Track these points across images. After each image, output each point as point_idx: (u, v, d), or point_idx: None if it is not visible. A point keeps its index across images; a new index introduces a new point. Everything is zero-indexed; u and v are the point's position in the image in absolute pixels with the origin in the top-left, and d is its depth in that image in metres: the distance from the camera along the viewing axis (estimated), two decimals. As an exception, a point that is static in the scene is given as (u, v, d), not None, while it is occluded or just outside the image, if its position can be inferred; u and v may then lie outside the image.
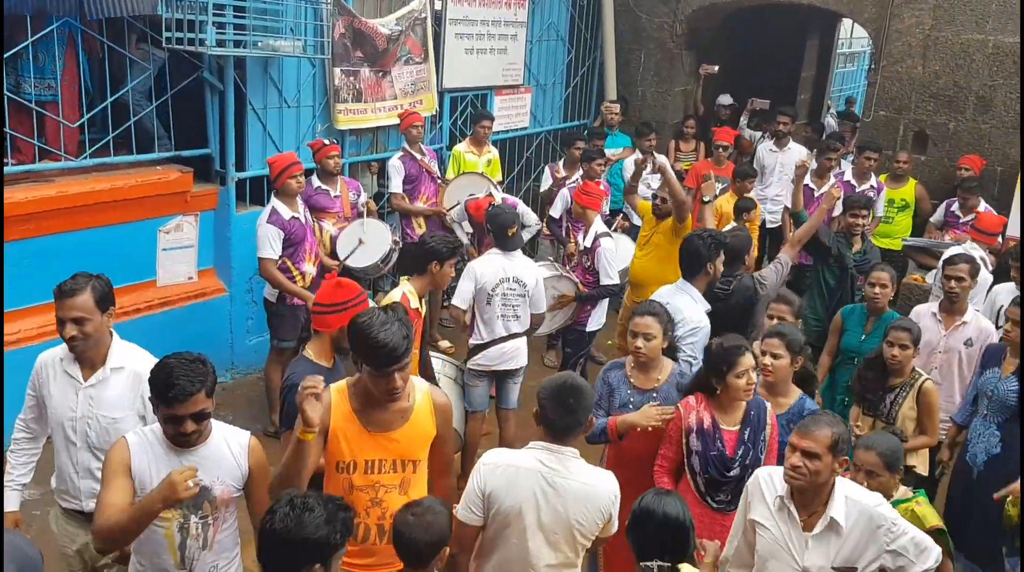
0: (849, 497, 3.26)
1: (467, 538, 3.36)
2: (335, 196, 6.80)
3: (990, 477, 4.84)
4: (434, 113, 8.55)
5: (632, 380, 4.34)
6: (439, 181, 7.78)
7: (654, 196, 6.75)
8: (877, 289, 5.59)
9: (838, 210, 7.33)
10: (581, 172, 8.25)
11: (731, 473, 3.98)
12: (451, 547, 3.22)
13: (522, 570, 3.34)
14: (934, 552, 3.26)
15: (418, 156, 7.57)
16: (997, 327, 5.64)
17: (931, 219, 8.34)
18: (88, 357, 3.62)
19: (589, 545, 3.37)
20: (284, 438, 3.94)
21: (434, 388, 3.50)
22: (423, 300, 5.20)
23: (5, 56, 5.48)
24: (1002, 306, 5.88)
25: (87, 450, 3.65)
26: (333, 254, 6.66)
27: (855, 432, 4.82)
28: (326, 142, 6.80)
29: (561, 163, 8.57)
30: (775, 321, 5.08)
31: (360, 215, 6.91)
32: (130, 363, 3.66)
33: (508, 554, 3.35)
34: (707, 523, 3.96)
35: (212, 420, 3.28)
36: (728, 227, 7.55)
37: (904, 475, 4.63)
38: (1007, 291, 6.09)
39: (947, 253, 6.32)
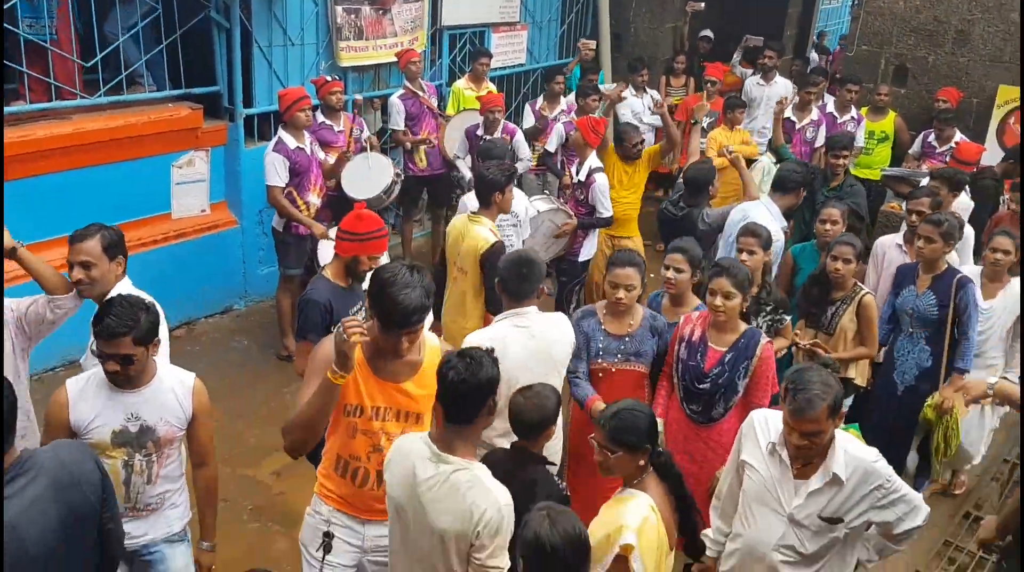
0: (848, 451, 3.15)
1: None
2: (339, 131, 7.08)
3: (919, 388, 5.21)
4: (425, 48, 8.78)
5: (606, 327, 4.37)
6: (440, 117, 8.05)
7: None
8: (828, 225, 5.57)
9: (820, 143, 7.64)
10: (563, 107, 8.54)
11: (701, 386, 4.23)
12: None
13: None
14: (923, 511, 3.20)
15: (419, 93, 7.83)
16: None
17: (909, 150, 8.67)
18: (95, 300, 3.77)
19: (564, 373, 4.27)
20: (299, 348, 4.24)
21: (445, 345, 3.43)
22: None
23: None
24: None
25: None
26: (337, 187, 6.96)
27: (795, 340, 5.13)
28: (329, 78, 7.04)
29: (541, 98, 8.77)
30: (744, 254, 5.01)
31: (363, 149, 7.20)
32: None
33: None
34: (683, 430, 4.34)
35: (160, 363, 3.43)
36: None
37: (843, 386, 4.98)
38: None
39: (923, 182, 6.56)
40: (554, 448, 4.09)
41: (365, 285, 3.98)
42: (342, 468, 3.32)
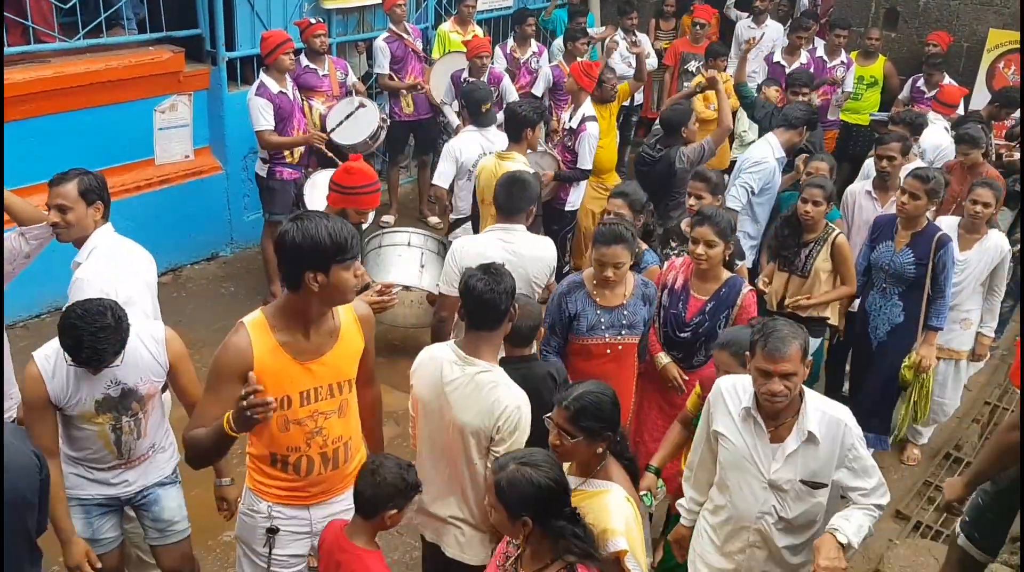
0: (819, 408, 3.09)
1: (450, 307, 4.14)
2: (323, 75, 6.99)
3: (891, 344, 5.14)
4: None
5: (597, 299, 4.07)
6: (425, 61, 7.95)
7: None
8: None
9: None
10: (534, 48, 8.46)
11: (682, 335, 4.27)
12: (435, 316, 4.29)
13: None
14: (884, 492, 3.13)
15: (404, 36, 7.73)
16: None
17: (899, 96, 8.63)
18: (73, 244, 3.82)
19: (541, 292, 4.45)
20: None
21: (357, 299, 3.13)
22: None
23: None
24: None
25: None
26: (323, 130, 6.89)
27: (762, 287, 5.17)
28: (312, 21, 6.93)
29: (511, 40, 8.67)
30: (692, 199, 5.03)
31: (349, 93, 7.12)
32: (103, 245, 3.82)
33: None
34: (660, 384, 4.43)
35: (136, 322, 3.39)
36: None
37: (821, 325, 5.19)
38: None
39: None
40: None
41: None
42: (280, 464, 3.05)
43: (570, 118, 6.65)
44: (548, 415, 2.96)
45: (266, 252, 6.78)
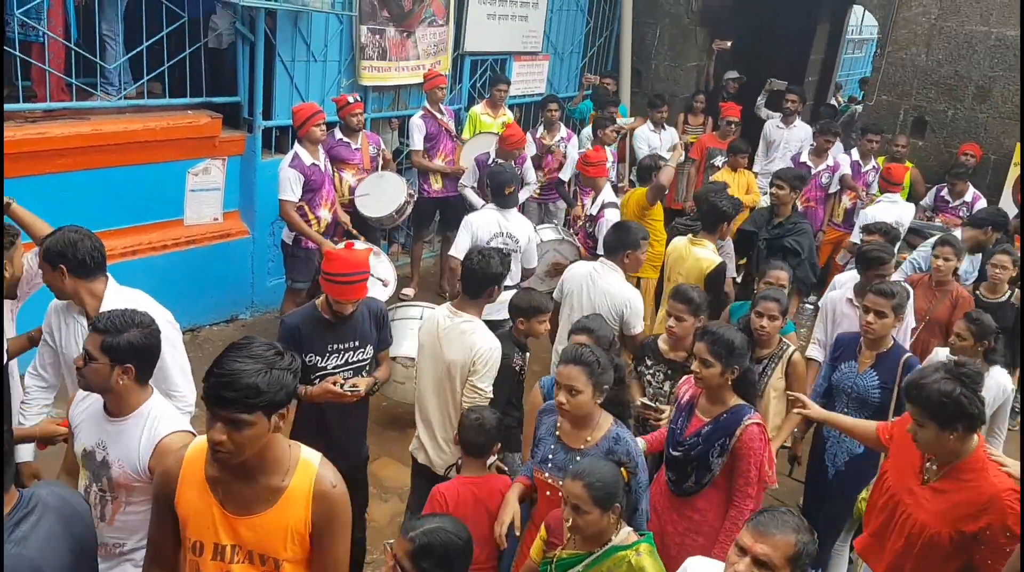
0: None
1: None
2: (355, 148, 7.11)
3: (848, 475, 4.65)
4: (450, 73, 8.84)
5: (560, 434, 3.60)
6: (457, 140, 8.09)
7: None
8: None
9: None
10: (563, 134, 8.59)
11: (675, 453, 3.91)
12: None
13: None
14: None
15: (438, 115, 7.88)
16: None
17: (921, 202, 8.67)
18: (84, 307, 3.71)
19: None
20: None
21: (328, 470, 2.63)
22: None
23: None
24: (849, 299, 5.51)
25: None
26: (351, 203, 6.99)
27: None
28: (351, 99, 7.05)
29: (541, 127, 8.77)
30: (671, 320, 4.69)
31: (379, 167, 7.24)
32: (126, 304, 3.66)
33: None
34: (664, 493, 4.02)
35: (154, 403, 3.12)
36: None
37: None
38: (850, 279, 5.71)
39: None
40: None
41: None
42: None
43: (591, 203, 6.73)
44: (388, 541, 2.73)
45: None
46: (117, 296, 3.70)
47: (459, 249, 6.02)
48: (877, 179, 8.65)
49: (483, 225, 5.99)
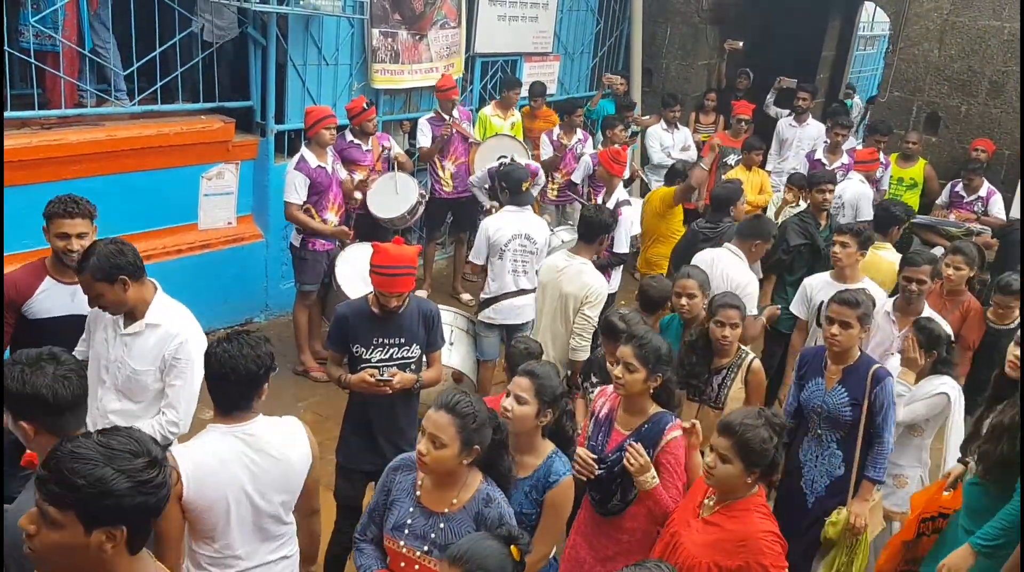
0: None
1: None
2: (366, 150, 7.13)
3: (830, 501, 4.32)
4: (463, 75, 8.86)
5: (420, 495, 3.06)
6: (471, 141, 8.10)
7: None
8: (684, 300, 4.81)
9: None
10: (579, 136, 8.61)
11: (598, 472, 3.66)
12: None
13: None
14: None
15: (447, 118, 7.89)
16: (820, 325, 5.09)
17: (937, 200, 8.62)
18: (130, 311, 3.77)
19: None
20: (330, 357, 4.39)
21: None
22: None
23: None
24: (821, 302, 5.13)
25: (113, 391, 3.83)
26: (363, 205, 7.01)
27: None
28: (365, 106, 7.05)
29: (558, 128, 8.81)
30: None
31: (391, 168, 7.26)
32: (167, 322, 3.78)
33: None
34: (590, 515, 3.85)
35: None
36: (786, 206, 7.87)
37: None
38: (824, 283, 5.53)
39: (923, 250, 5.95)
40: None
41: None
42: None
43: (604, 203, 6.68)
44: None
45: (297, 321, 6.84)
46: (163, 303, 3.82)
47: (478, 253, 6.05)
48: (885, 174, 8.65)
49: (502, 228, 5.99)
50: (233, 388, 2.99)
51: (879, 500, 4.37)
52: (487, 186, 7.66)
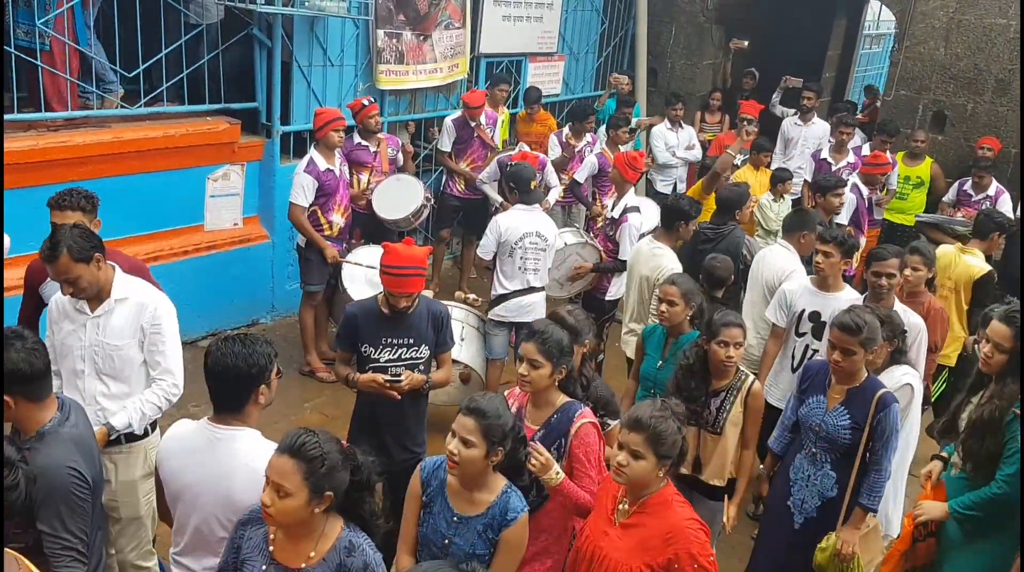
0: None
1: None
2: (374, 151, 7.14)
3: (821, 523, 4.13)
4: (467, 76, 8.87)
5: (273, 550, 2.77)
6: (494, 147, 8.12)
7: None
8: (664, 306, 4.65)
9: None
10: (588, 138, 8.61)
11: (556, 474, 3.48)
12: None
13: None
14: None
15: (472, 123, 7.93)
16: (799, 334, 5.19)
17: (944, 198, 8.60)
18: (95, 295, 3.82)
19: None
20: (339, 356, 4.42)
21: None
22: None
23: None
24: (803, 310, 5.20)
25: (95, 376, 3.86)
26: (368, 207, 7.02)
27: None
28: (365, 103, 7.05)
29: (567, 129, 8.83)
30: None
31: (400, 170, 7.26)
32: (133, 295, 3.86)
33: None
34: None
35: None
36: (764, 198, 7.89)
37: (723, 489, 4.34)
38: (804, 290, 5.29)
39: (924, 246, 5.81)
40: None
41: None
42: None
43: (612, 207, 6.70)
44: None
45: (304, 322, 6.85)
46: (122, 279, 3.89)
47: (484, 250, 6.07)
48: (893, 174, 8.62)
49: (512, 226, 6.00)
50: (225, 387, 2.99)
51: (876, 526, 4.21)
52: (494, 180, 7.72)
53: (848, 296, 5.15)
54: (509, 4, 9.07)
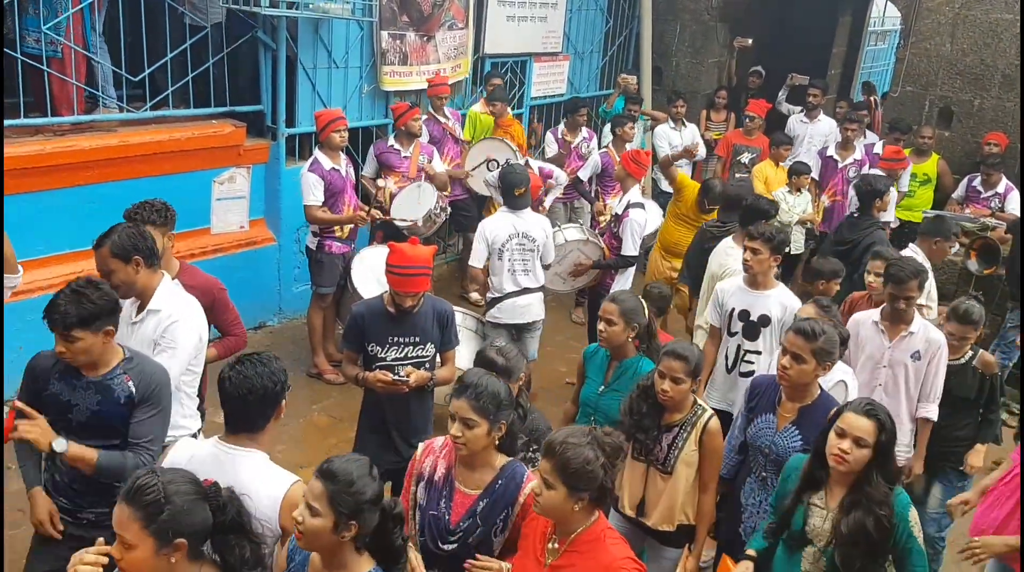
0: None
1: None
2: (404, 156, 7.13)
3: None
4: (468, 76, 8.86)
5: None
6: (462, 143, 8.10)
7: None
8: (602, 325, 4.22)
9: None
10: (584, 135, 8.63)
11: (446, 547, 3.12)
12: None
13: None
14: None
15: (442, 120, 7.90)
16: (731, 334, 5.05)
17: (953, 194, 8.56)
18: (140, 300, 3.87)
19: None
20: (345, 355, 4.45)
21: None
22: None
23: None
24: (733, 309, 5.07)
25: None
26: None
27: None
28: (410, 106, 7.07)
29: (563, 126, 8.84)
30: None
31: (430, 178, 7.23)
32: (166, 307, 3.85)
33: None
34: None
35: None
36: (779, 191, 7.88)
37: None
38: (736, 289, 5.14)
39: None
40: None
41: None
42: None
43: (617, 202, 6.71)
44: None
45: (312, 324, 6.85)
46: (167, 290, 3.91)
47: (476, 257, 6.03)
48: (905, 174, 8.59)
49: (497, 229, 5.96)
50: (252, 408, 2.94)
51: None
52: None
53: (779, 294, 5.00)
54: (513, 4, 9.06)
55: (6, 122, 5.66)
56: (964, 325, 4.72)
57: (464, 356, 5.96)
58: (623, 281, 6.76)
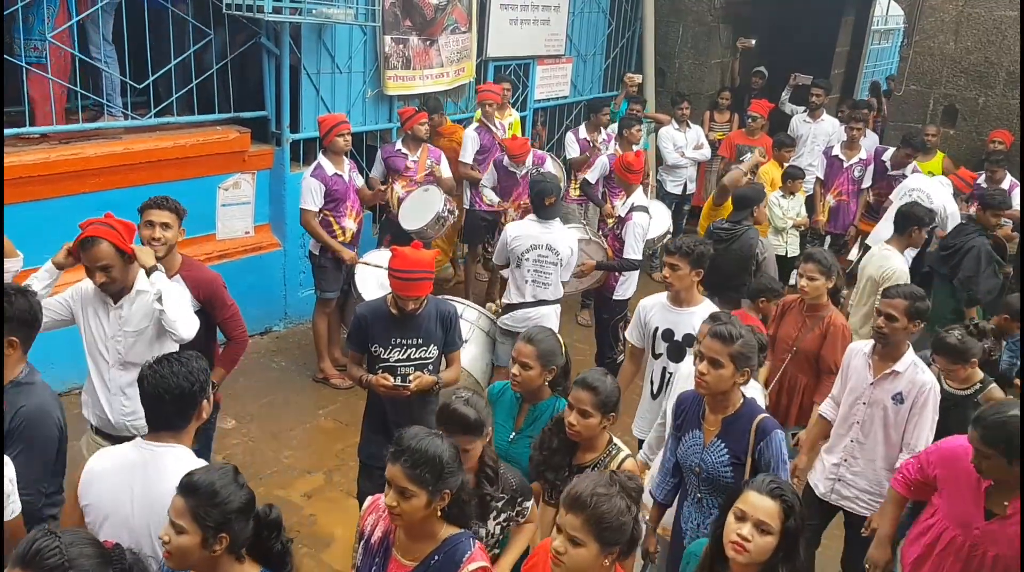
0: None
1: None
2: (412, 161, 7.14)
3: None
4: (473, 79, 8.88)
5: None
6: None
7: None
8: (516, 368, 3.86)
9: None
10: (604, 136, 8.61)
11: None
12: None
13: None
14: None
15: (493, 128, 7.91)
16: (656, 356, 4.74)
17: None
18: (120, 290, 4.00)
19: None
20: (350, 357, 4.48)
21: None
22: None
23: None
24: (657, 328, 4.76)
25: (119, 366, 4.01)
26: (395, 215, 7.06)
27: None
28: (416, 109, 7.09)
29: (584, 127, 8.86)
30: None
31: (436, 182, 7.24)
32: (148, 286, 4.00)
33: None
34: None
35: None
36: (773, 195, 7.87)
37: None
38: (658, 306, 4.83)
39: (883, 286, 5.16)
40: None
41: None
42: None
43: (622, 205, 6.70)
44: None
45: (317, 329, 6.86)
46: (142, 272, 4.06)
47: (497, 256, 6.10)
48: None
49: (519, 235, 5.88)
50: (168, 408, 2.91)
51: None
52: (494, 183, 7.75)
53: (704, 311, 4.45)
54: (516, 7, 9.07)
55: (9, 131, 5.70)
56: (945, 357, 4.39)
57: (474, 355, 5.98)
58: (627, 284, 6.75)
